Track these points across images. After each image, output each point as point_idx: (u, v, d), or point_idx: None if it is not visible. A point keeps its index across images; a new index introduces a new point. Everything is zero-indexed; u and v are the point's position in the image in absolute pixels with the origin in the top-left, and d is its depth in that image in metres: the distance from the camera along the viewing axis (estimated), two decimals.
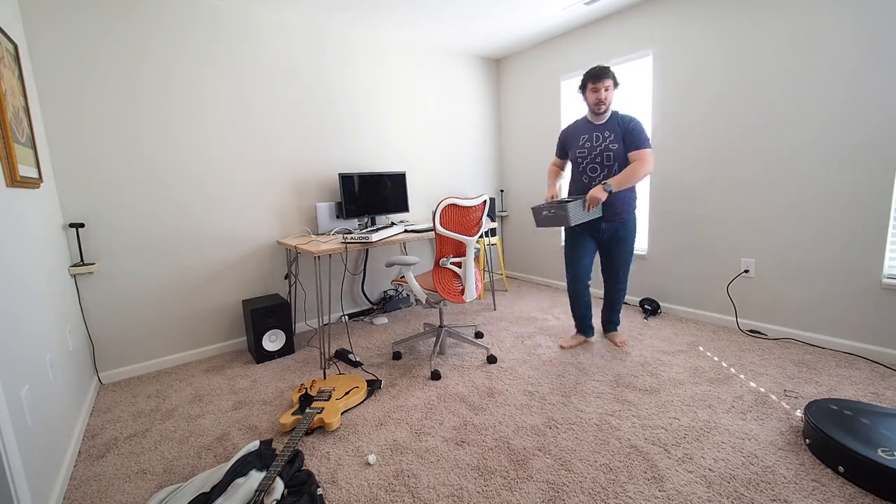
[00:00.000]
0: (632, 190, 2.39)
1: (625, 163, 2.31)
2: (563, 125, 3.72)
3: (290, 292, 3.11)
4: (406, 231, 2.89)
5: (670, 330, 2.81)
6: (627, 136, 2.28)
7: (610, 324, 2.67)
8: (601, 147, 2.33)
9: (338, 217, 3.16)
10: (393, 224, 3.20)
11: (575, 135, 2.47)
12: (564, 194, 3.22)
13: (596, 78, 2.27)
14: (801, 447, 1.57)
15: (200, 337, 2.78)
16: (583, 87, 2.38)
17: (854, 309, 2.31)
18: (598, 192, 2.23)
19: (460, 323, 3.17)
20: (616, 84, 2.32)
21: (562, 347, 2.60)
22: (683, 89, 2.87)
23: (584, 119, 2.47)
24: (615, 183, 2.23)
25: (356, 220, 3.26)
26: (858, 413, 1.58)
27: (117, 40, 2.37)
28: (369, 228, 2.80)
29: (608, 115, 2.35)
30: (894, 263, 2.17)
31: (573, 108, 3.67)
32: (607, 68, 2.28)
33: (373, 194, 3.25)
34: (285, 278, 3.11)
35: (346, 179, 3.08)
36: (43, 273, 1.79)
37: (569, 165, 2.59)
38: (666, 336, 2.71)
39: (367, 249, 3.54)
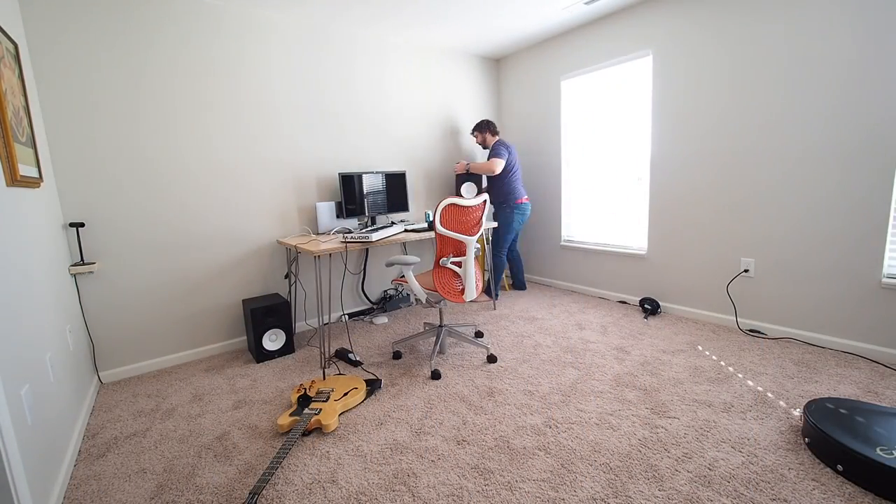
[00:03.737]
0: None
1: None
2: (563, 124, 3.72)
3: (290, 292, 3.11)
4: (406, 231, 2.89)
5: (670, 329, 2.81)
6: None
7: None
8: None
9: (338, 217, 3.16)
10: (393, 224, 3.20)
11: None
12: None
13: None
14: (801, 446, 1.58)
15: (200, 336, 2.78)
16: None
17: (854, 309, 2.31)
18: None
19: (460, 322, 3.17)
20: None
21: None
22: (683, 89, 2.87)
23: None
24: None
25: (356, 219, 3.26)
26: (854, 412, 1.59)
27: (118, 39, 2.38)
28: (369, 228, 2.80)
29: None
30: (894, 263, 2.18)
31: (573, 107, 3.67)
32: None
33: (373, 194, 3.25)
34: (285, 277, 3.11)
35: (346, 179, 3.08)
36: (43, 272, 1.79)
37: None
38: (666, 335, 2.71)
39: (368, 249, 3.54)
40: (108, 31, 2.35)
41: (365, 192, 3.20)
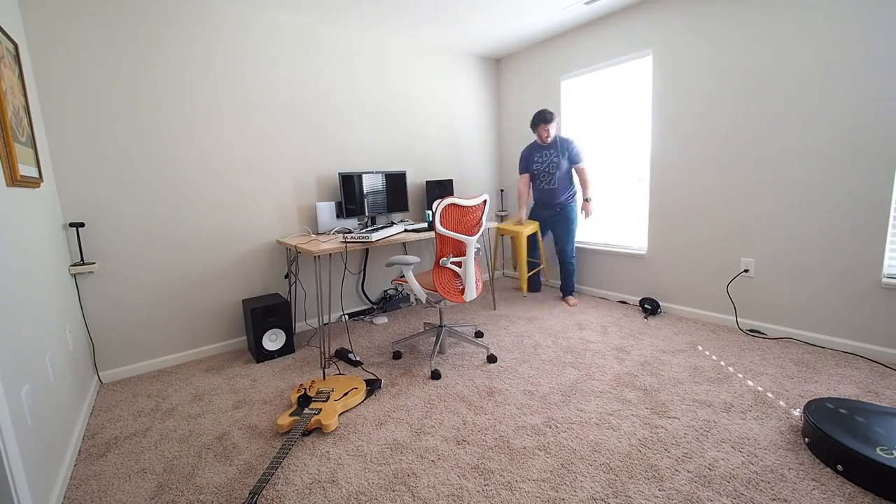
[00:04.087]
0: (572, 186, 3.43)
1: (565, 173, 3.35)
2: (563, 125, 3.72)
3: (290, 292, 3.11)
4: (406, 231, 2.89)
5: (670, 329, 2.81)
6: (572, 155, 3.31)
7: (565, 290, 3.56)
8: (549, 161, 3.35)
9: (338, 217, 3.16)
10: (393, 223, 3.20)
11: (532, 155, 3.46)
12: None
13: (546, 121, 3.26)
14: (801, 446, 1.58)
15: (200, 336, 2.78)
16: (535, 126, 3.34)
17: (854, 309, 2.31)
18: (589, 208, 3.36)
19: (460, 322, 3.17)
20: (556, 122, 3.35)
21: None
22: (683, 89, 2.87)
23: (535, 143, 3.46)
24: (589, 192, 3.34)
25: (356, 219, 3.26)
26: (854, 412, 1.59)
27: (118, 40, 2.37)
28: (369, 228, 2.80)
29: (551, 140, 3.34)
30: (894, 263, 2.18)
31: (573, 107, 3.67)
32: (552, 113, 3.25)
33: (373, 194, 3.25)
34: (285, 277, 3.11)
35: (346, 179, 3.08)
36: (43, 272, 1.79)
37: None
38: (666, 335, 2.71)
39: (368, 249, 3.54)
40: (109, 31, 2.35)
41: (365, 191, 3.20)
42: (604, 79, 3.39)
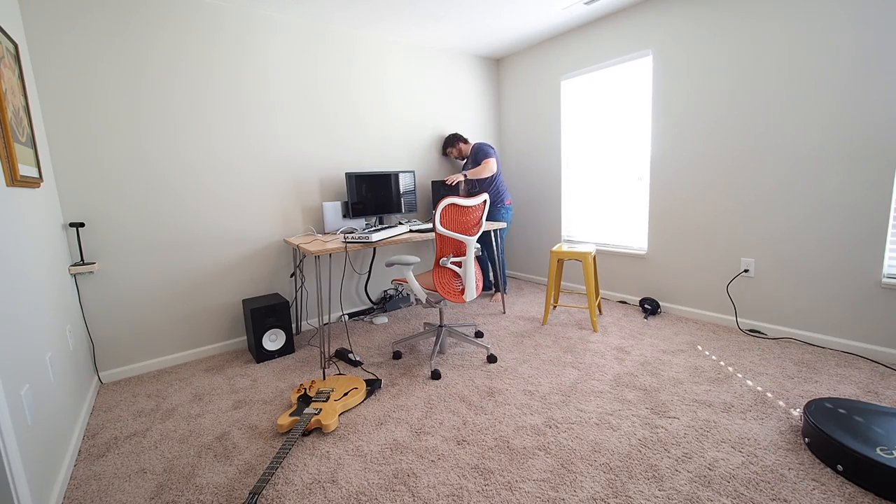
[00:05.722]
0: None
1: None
2: (563, 124, 3.73)
3: (298, 291, 3.11)
4: (411, 231, 2.89)
5: (670, 329, 2.81)
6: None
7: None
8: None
9: (345, 216, 3.15)
10: (400, 224, 3.20)
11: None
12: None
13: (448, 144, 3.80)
14: (801, 446, 1.58)
15: (200, 336, 2.78)
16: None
17: (854, 309, 2.31)
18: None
19: (460, 322, 3.17)
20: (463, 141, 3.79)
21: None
22: (683, 89, 2.87)
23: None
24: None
25: (363, 219, 3.25)
26: (854, 412, 1.59)
27: (118, 39, 2.37)
28: (373, 228, 2.80)
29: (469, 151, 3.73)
30: (894, 263, 2.18)
31: (573, 107, 3.67)
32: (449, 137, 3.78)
33: (381, 194, 3.24)
34: (291, 277, 3.11)
35: (352, 179, 3.08)
36: (43, 272, 1.79)
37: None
38: (666, 335, 2.71)
39: (375, 249, 3.54)
40: (108, 31, 2.35)
41: (373, 191, 3.19)
42: (604, 79, 3.39)
